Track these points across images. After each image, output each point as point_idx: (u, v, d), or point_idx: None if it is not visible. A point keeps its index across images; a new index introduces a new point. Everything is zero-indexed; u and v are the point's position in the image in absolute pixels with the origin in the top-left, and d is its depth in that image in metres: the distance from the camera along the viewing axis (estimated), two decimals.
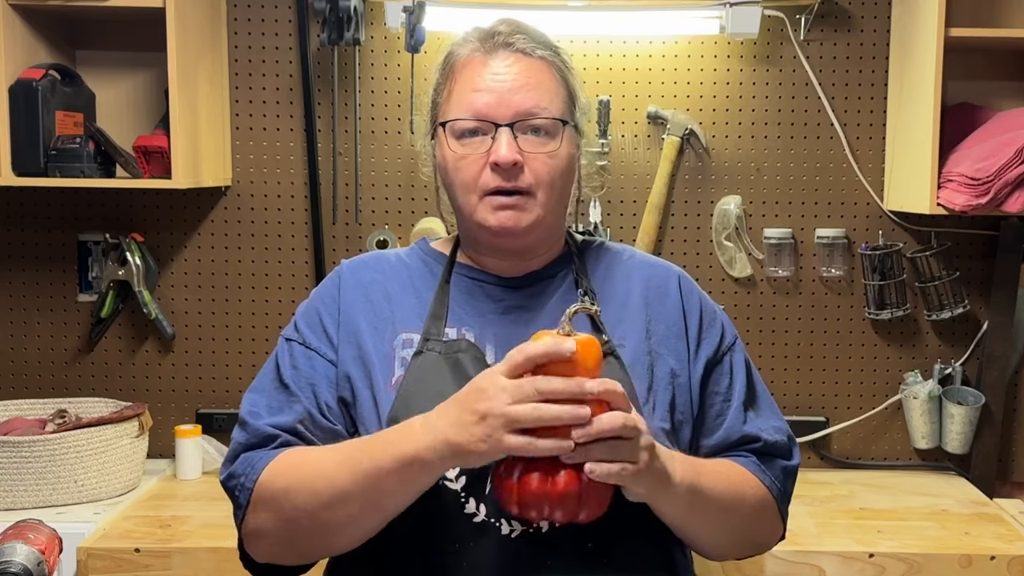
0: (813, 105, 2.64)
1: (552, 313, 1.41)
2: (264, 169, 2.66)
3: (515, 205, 1.36)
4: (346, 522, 1.27)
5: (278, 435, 1.36)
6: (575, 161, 1.45)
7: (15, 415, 2.50)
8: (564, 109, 1.41)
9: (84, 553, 2.08)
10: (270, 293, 2.68)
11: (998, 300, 2.60)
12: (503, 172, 1.35)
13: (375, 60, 2.62)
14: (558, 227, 1.47)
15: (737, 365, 1.48)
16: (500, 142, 1.35)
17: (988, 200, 2.28)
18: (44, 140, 2.34)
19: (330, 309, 1.44)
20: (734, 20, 2.47)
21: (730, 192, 2.65)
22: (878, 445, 2.72)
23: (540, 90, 1.38)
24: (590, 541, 1.29)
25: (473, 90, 1.38)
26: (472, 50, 1.41)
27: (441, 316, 1.40)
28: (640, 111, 2.63)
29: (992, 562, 2.12)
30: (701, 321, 1.47)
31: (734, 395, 1.46)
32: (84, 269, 2.67)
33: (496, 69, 1.38)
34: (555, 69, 1.42)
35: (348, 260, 1.52)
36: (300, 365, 1.41)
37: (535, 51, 1.40)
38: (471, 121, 1.37)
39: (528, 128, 1.37)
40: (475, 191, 1.37)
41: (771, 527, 1.47)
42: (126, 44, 2.59)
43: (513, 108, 1.36)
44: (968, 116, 2.54)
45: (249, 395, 1.43)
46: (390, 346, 1.39)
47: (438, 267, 1.47)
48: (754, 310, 2.68)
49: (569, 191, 1.45)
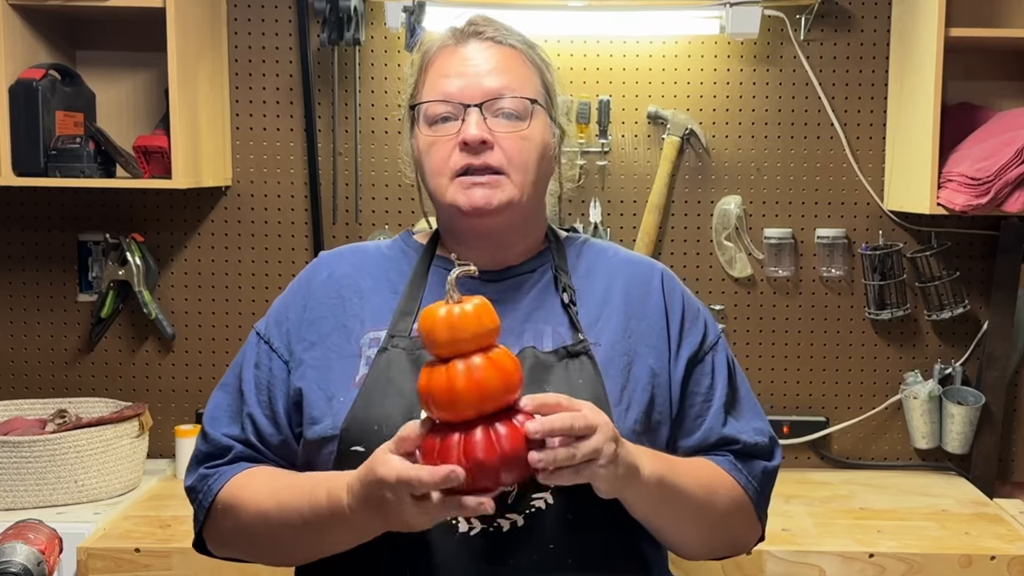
0: (813, 105, 2.64)
1: (528, 308, 1.40)
2: (264, 169, 2.66)
3: (486, 183, 1.35)
4: (297, 555, 1.36)
5: (232, 446, 1.41)
6: (551, 149, 1.43)
7: (15, 415, 2.50)
8: (536, 93, 1.40)
9: (84, 553, 2.08)
10: (270, 293, 2.67)
11: (998, 300, 2.60)
12: (471, 151, 1.35)
13: (375, 60, 2.63)
14: (535, 215, 1.45)
15: (719, 365, 1.45)
16: (469, 122, 1.35)
17: (988, 200, 2.28)
18: (44, 140, 2.34)
19: (297, 306, 1.45)
20: (734, 20, 2.47)
21: (730, 192, 2.65)
22: (878, 445, 2.72)
23: (510, 74, 1.38)
24: (552, 541, 1.28)
25: (443, 76, 1.38)
26: (444, 42, 1.42)
27: (410, 312, 1.39)
28: (640, 111, 2.63)
29: (992, 562, 2.11)
30: (683, 319, 1.45)
31: (715, 396, 1.43)
32: (84, 269, 2.67)
33: (467, 55, 1.39)
34: (527, 58, 1.42)
35: (327, 252, 1.52)
36: (262, 364, 1.43)
37: (507, 39, 1.41)
38: (441, 104, 1.37)
39: (499, 112, 1.36)
40: (445, 173, 1.37)
41: (747, 528, 1.44)
42: (126, 44, 2.59)
43: (482, 89, 1.36)
44: (968, 116, 2.54)
45: (216, 394, 1.47)
46: (356, 344, 1.38)
47: (416, 259, 1.46)
48: (754, 310, 2.68)
49: (546, 179, 1.44)
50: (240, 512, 1.36)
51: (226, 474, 1.39)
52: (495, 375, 1.13)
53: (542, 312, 1.41)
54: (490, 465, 1.11)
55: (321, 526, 1.27)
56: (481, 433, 1.12)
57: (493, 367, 1.13)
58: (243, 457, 1.41)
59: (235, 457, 1.41)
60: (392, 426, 1.27)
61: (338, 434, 1.32)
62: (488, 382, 1.12)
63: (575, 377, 1.33)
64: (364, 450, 1.27)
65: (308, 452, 1.37)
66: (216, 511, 1.39)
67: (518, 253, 1.45)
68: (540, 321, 1.39)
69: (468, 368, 1.13)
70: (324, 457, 1.33)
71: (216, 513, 1.39)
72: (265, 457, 1.41)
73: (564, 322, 1.39)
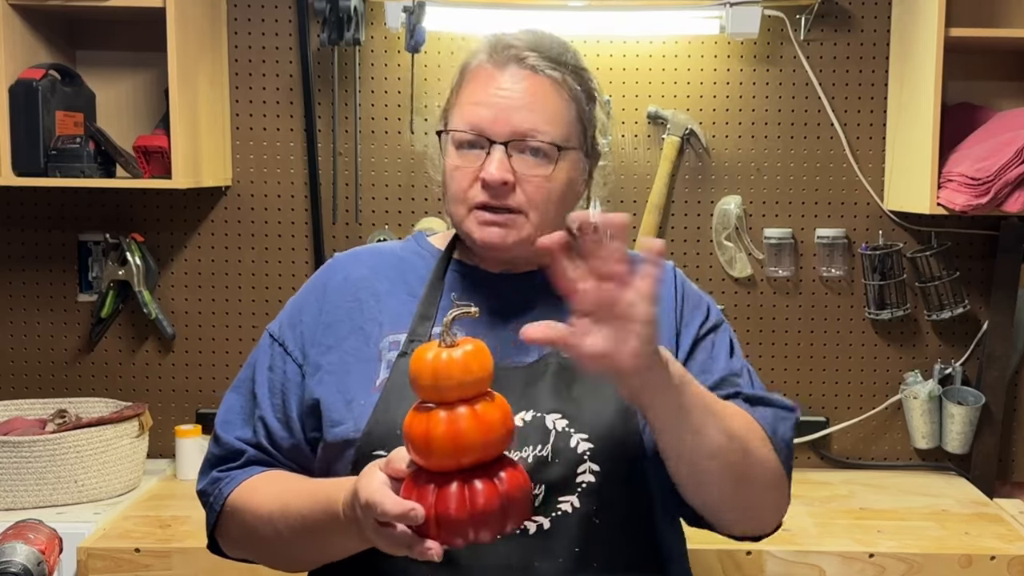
0: (813, 105, 2.64)
1: (548, 310, 1.40)
2: (264, 169, 2.66)
3: (502, 223, 1.35)
4: (304, 559, 1.36)
5: (244, 450, 1.41)
6: (576, 185, 1.40)
7: (15, 415, 2.50)
8: (568, 132, 1.37)
9: (84, 553, 2.08)
10: (270, 293, 2.68)
11: (998, 300, 2.60)
12: (491, 190, 1.33)
13: (375, 60, 2.62)
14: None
15: (720, 345, 1.42)
16: (492, 159, 1.33)
17: (988, 200, 2.28)
18: (44, 140, 2.34)
19: (312, 308, 1.44)
20: (734, 20, 2.47)
21: (730, 192, 2.65)
22: (878, 445, 2.72)
23: (542, 111, 1.34)
24: (577, 544, 1.27)
25: (474, 103, 1.36)
26: (483, 60, 1.38)
27: (429, 316, 1.39)
28: (640, 111, 2.63)
29: (992, 562, 2.11)
30: (684, 308, 1.43)
31: (715, 368, 1.39)
32: (84, 269, 2.67)
33: (502, 84, 1.35)
34: (565, 90, 1.37)
35: (343, 253, 1.52)
36: (276, 367, 1.43)
37: (545, 69, 1.36)
38: (467, 134, 1.35)
39: (526, 148, 1.34)
40: (464, 203, 1.36)
41: (770, 471, 1.32)
42: (126, 44, 2.59)
43: (511, 126, 1.33)
44: (968, 116, 2.54)
45: (228, 395, 1.46)
46: (376, 348, 1.38)
47: (433, 263, 1.46)
48: (754, 310, 2.68)
49: (568, 210, 1.40)
50: (248, 516, 1.36)
51: (237, 478, 1.40)
52: (475, 428, 1.08)
53: (561, 316, 1.40)
54: (459, 521, 1.08)
55: (321, 530, 1.27)
56: (456, 487, 1.08)
57: (475, 420, 1.08)
58: (255, 461, 1.41)
59: (247, 461, 1.41)
60: None
61: (359, 437, 1.31)
62: (467, 436, 1.08)
63: (600, 380, 1.32)
64: (385, 454, 1.27)
65: (328, 456, 1.36)
66: (226, 515, 1.39)
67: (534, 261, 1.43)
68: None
69: (449, 419, 1.08)
70: (344, 461, 1.33)
71: (226, 517, 1.40)
72: (277, 461, 1.41)
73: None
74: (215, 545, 1.45)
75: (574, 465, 1.28)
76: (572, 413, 1.30)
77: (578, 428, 1.29)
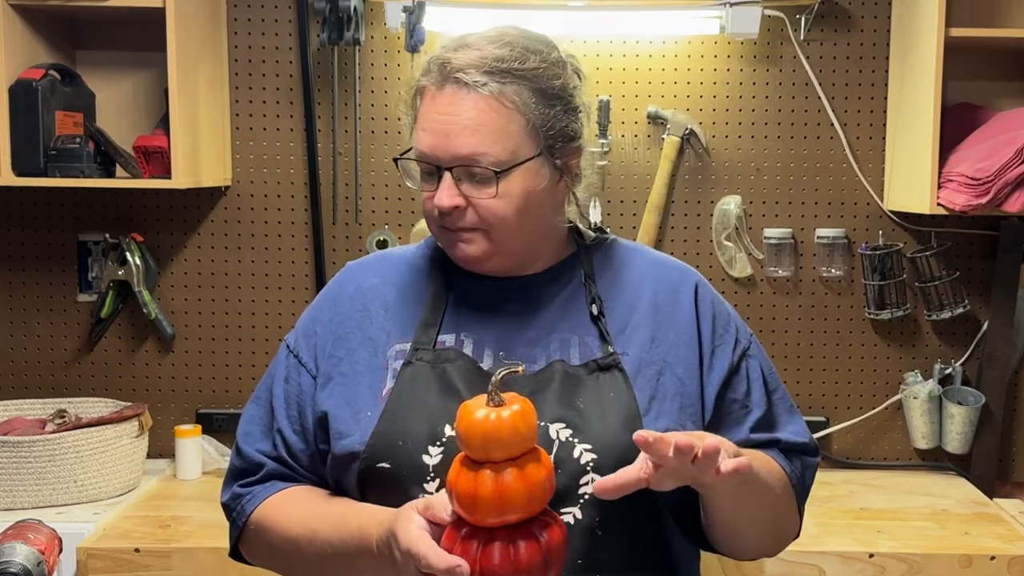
0: (813, 105, 2.64)
1: (554, 317, 1.39)
2: (264, 169, 2.66)
3: (466, 240, 1.35)
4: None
5: (264, 463, 1.42)
6: (540, 192, 1.36)
7: (15, 415, 2.50)
8: (514, 147, 1.31)
9: (84, 553, 2.08)
10: (270, 293, 2.68)
11: (998, 300, 2.60)
12: (445, 215, 1.34)
13: (375, 60, 2.62)
14: (543, 237, 1.42)
15: (754, 372, 1.43)
16: (442, 186, 1.32)
17: (988, 200, 2.28)
18: (44, 140, 2.34)
19: (325, 319, 1.44)
20: (734, 20, 2.47)
21: (730, 192, 2.65)
22: (878, 445, 2.72)
23: (480, 134, 1.30)
24: (579, 556, 1.26)
25: (421, 128, 1.35)
26: (427, 81, 1.36)
27: (434, 323, 1.38)
28: (640, 111, 2.63)
29: (992, 562, 2.12)
30: (714, 331, 1.42)
31: (752, 402, 1.41)
32: (84, 269, 2.67)
33: (441, 107, 1.32)
34: (506, 103, 1.31)
35: (354, 262, 1.51)
36: (291, 378, 1.43)
37: (482, 87, 1.30)
38: (417, 163, 1.36)
39: (471, 176, 1.32)
40: (434, 222, 1.37)
41: (793, 521, 1.43)
42: (126, 44, 2.59)
43: (451, 152, 1.31)
44: (968, 116, 2.54)
45: (249, 407, 1.47)
46: (383, 357, 1.38)
47: (440, 269, 1.46)
48: (754, 310, 2.68)
49: (541, 213, 1.38)
50: (272, 535, 1.37)
51: (259, 495, 1.40)
52: (521, 490, 1.11)
53: (568, 322, 1.39)
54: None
55: (352, 560, 1.28)
56: (500, 545, 1.11)
57: (521, 481, 1.11)
58: (276, 474, 1.42)
59: (267, 475, 1.42)
60: (416, 441, 1.28)
61: (363, 450, 1.31)
62: (513, 497, 1.11)
63: (606, 391, 1.32)
64: (390, 466, 1.28)
65: (336, 468, 1.36)
66: (249, 532, 1.40)
67: (540, 264, 1.43)
68: (566, 331, 1.38)
69: (495, 480, 1.11)
70: (351, 472, 1.33)
71: (249, 534, 1.40)
72: (297, 473, 1.42)
73: (592, 332, 1.37)
74: (237, 554, 1.46)
75: (576, 476, 1.27)
76: (576, 423, 1.30)
77: (582, 438, 1.29)
